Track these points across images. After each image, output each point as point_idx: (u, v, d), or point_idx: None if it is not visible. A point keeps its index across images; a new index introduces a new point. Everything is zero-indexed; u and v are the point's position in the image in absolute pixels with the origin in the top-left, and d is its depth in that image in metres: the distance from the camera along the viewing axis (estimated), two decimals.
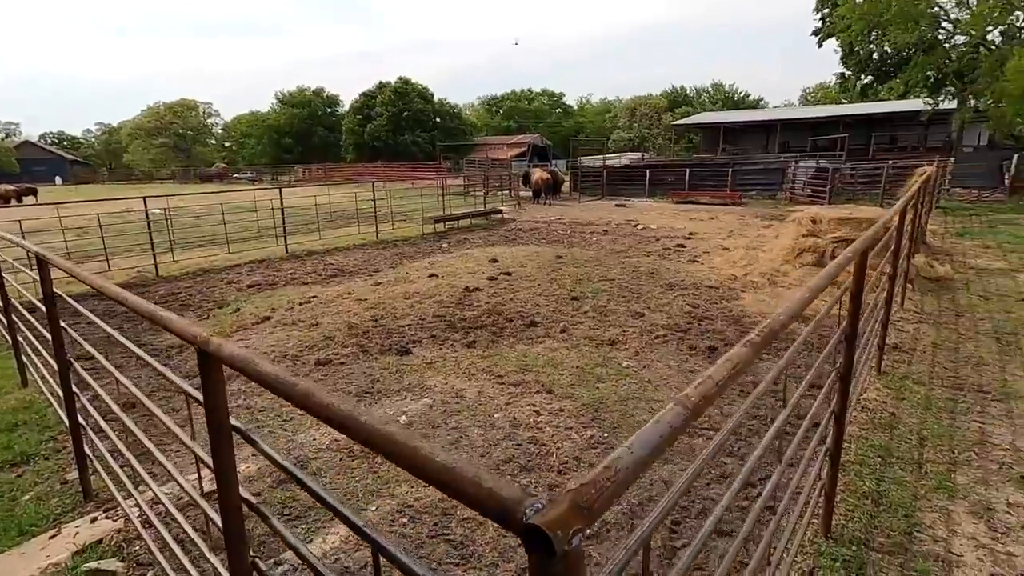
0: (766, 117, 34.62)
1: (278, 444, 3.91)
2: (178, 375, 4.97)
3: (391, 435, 0.85)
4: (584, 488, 0.69)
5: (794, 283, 8.21)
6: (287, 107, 61.21)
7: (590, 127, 70.14)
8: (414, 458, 0.80)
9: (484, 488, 0.71)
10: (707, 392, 1.00)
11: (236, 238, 13.62)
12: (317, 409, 0.98)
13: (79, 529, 2.99)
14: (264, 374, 1.14)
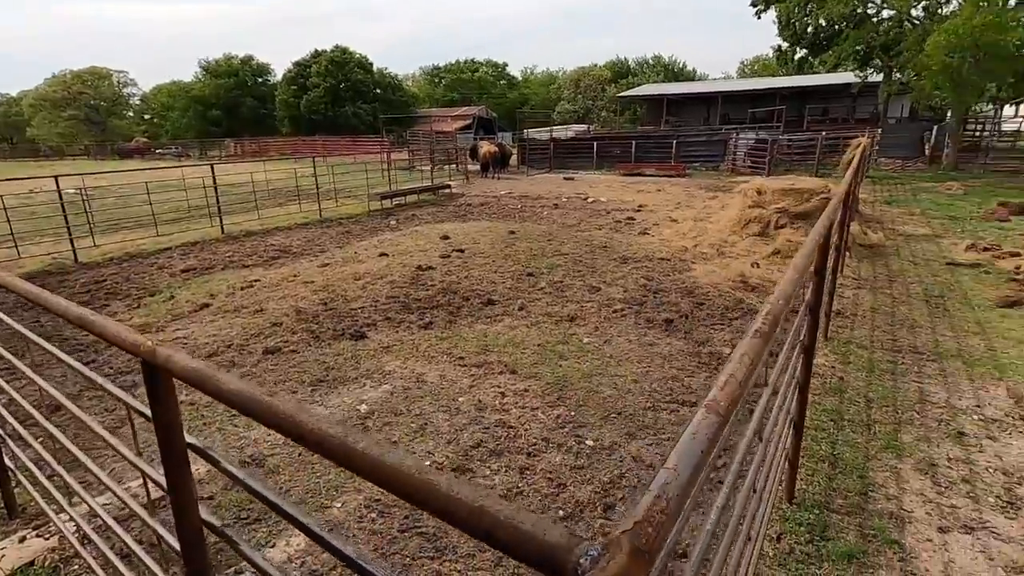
0: (707, 89, 35.34)
1: (229, 442, 3.67)
2: (109, 379, 4.53)
3: (400, 469, 0.72)
4: (640, 527, 0.59)
5: (741, 253, 8.47)
6: (213, 77, 57.18)
7: (535, 99, 69.52)
8: (431, 495, 0.68)
9: (523, 531, 0.61)
10: (734, 394, 0.93)
11: (165, 219, 12.70)
12: (307, 436, 0.84)
13: (5, 551, 2.70)
14: (229, 391, 0.98)
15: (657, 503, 0.63)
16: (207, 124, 56.91)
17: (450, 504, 0.67)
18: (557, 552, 0.57)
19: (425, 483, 0.70)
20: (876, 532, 2.80)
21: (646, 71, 62.05)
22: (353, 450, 0.78)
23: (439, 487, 0.68)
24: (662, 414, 3.97)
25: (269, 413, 0.91)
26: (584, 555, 0.57)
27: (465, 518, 0.65)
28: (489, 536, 0.63)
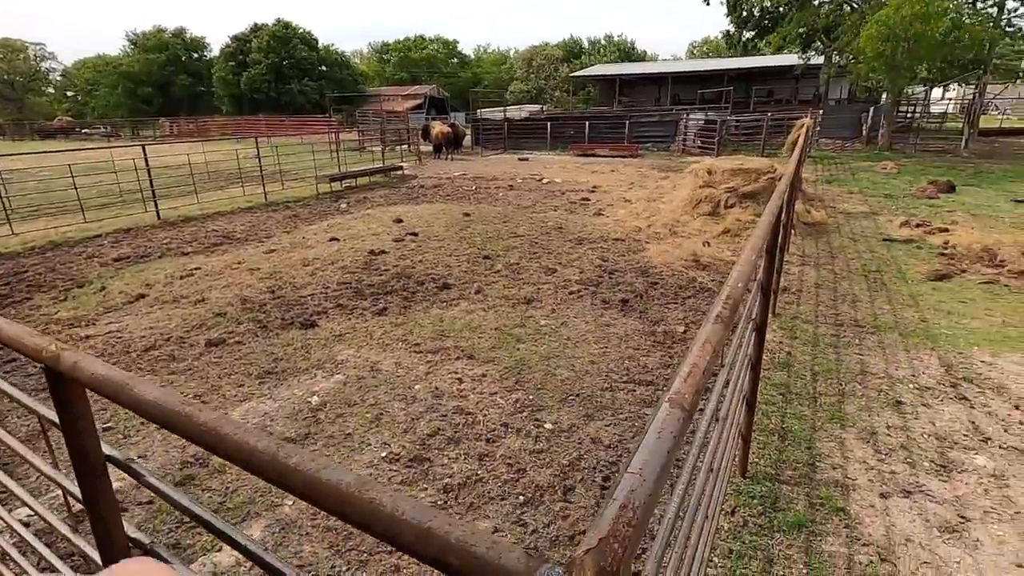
0: (659, 70, 35.66)
1: (169, 441, 3.47)
2: (15, 383, 4.15)
3: (339, 488, 0.64)
4: (605, 544, 0.53)
5: (693, 232, 8.63)
6: (142, 52, 53.47)
7: (488, 78, 68.56)
8: (373, 515, 0.60)
9: (476, 556, 0.54)
10: (698, 384, 0.89)
11: (93, 205, 11.85)
12: (232, 451, 0.74)
13: None
14: (147, 402, 0.87)
15: (623, 514, 0.57)
16: (138, 102, 53.42)
17: (394, 525, 0.59)
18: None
19: (366, 503, 0.62)
20: (823, 501, 2.91)
21: (599, 51, 62.11)
22: (285, 466, 0.69)
23: (383, 507, 0.61)
24: (619, 394, 4.00)
25: (191, 425, 0.80)
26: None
27: (412, 542, 0.58)
28: (439, 562, 0.56)
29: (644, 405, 3.87)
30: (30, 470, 3.18)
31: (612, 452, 3.34)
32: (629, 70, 36.32)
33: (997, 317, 5.30)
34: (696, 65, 37.06)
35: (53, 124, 48.41)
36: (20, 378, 4.52)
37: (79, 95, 63.72)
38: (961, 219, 9.28)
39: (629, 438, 3.48)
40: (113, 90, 54.50)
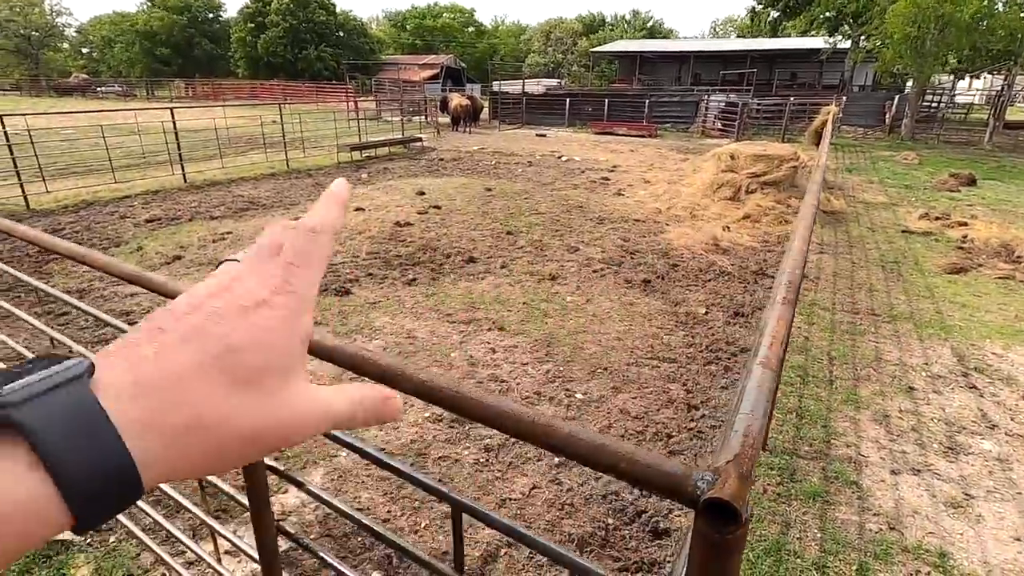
0: (681, 48, 35.05)
1: None
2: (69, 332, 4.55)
3: (519, 414, 0.84)
4: (739, 458, 0.73)
5: (713, 217, 8.73)
6: (160, 9, 52.91)
7: (504, 49, 67.54)
8: (553, 437, 0.80)
9: (644, 464, 0.74)
10: (779, 352, 1.08)
11: (119, 165, 12.04)
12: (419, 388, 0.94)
13: None
14: (329, 348, 1.07)
15: (746, 440, 0.77)
16: (155, 62, 53.07)
17: (570, 443, 0.79)
18: (677, 479, 0.71)
19: (544, 426, 0.82)
20: (837, 474, 3.13)
21: (622, 26, 60.89)
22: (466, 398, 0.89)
23: (559, 430, 0.80)
24: (644, 370, 4.21)
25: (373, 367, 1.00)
26: (700, 479, 0.71)
27: (587, 454, 0.78)
28: (613, 469, 0.76)
29: (668, 381, 4.08)
30: None
31: (639, 423, 3.56)
32: (651, 47, 35.72)
33: (1011, 311, 5.44)
34: (719, 45, 36.39)
35: (69, 81, 48.34)
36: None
37: (94, 52, 63.36)
38: (981, 213, 9.32)
39: (655, 410, 3.69)
40: (129, 47, 54.11)
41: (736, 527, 0.67)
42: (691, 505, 0.70)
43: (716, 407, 3.79)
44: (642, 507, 2.84)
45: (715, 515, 0.67)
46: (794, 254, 1.63)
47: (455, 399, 0.91)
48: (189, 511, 2.66)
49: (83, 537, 2.52)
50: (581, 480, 3.02)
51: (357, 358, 1.03)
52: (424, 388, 0.94)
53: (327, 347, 1.07)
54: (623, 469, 0.75)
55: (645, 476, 0.73)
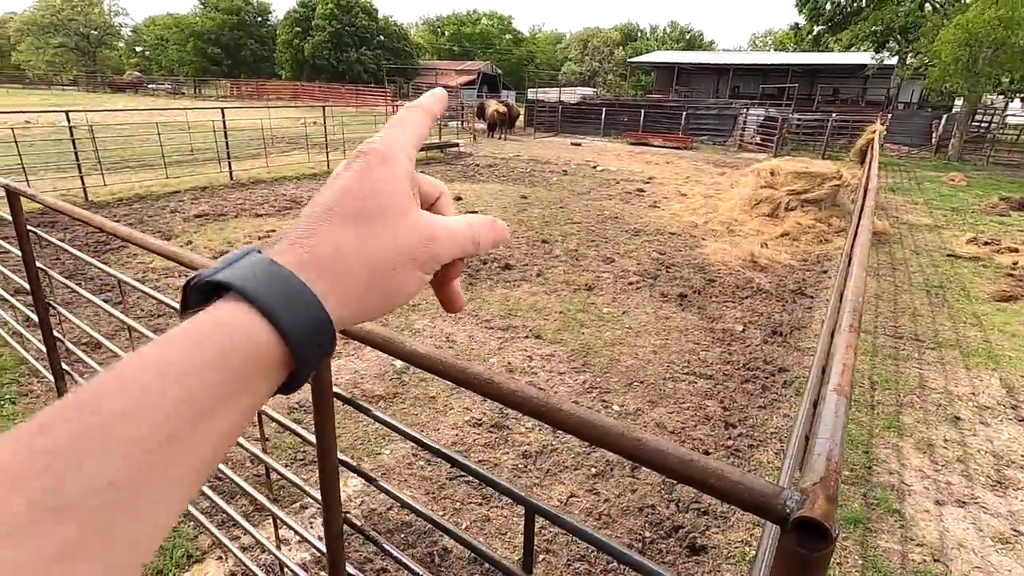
0: (720, 61, 34.70)
1: None
2: (140, 321, 4.73)
3: (606, 426, 0.90)
4: (826, 481, 0.78)
5: (751, 233, 8.64)
6: (213, 11, 54.87)
7: (541, 57, 67.87)
8: (642, 450, 0.86)
9: (733, 480, 0.79)
10: (849, 378, 1.11)
11: (170, 161, 12.54)
12: (508, 397, 1.01)
13: None
14: (414, 354, 1.15)
15: (829, 463, 0.81)
16: (206, 61, 54.99)
17: (658, 456, 0.85)
18: (767, 497, 0.76)
19: (634, 440, 0.87)
20: (879, 502, 3.09)
21: (659, 37, 60.61)
22: (558, 410, 0.96)
23: (647, 443, 0.86)
24: (681, 384, 4.21)
25: (460, 374, 1.07)
26: (790, 499, 0.75)
27: (676, 467, 0.83)
28: (702, 484, 0.81)
29: (705, 397, 4.08)
30: None
31: (675, 438, 3.57)
32: (689, 59, 35.46)
33: None
34: (759, 58, 35.90)
35: (123, 78, 50.45)
36: None
37: (147, 51, 65.98)
38: None
39: (691, 426, 3.70)
40: (182, 47, 56.17)
41: (825, 545, 0.71)
42: (779, 523, 0.75)
43: (754, 426, 3.77)
44: (679, 522, 2.85)
45: (804, 533, 0.72)
46: (856, 279, 1.65)
47: (544, 408, 0.98)
48: (246, 496, 2.78)
49: None
50: (618, 491, 3.06)
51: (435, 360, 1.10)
52: (513, 397, 1.01)
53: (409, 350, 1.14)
54: (712, 484, 0.80)
55: (734, 492, 0.78)
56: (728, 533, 2.81)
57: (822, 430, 0.91)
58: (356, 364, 4.24)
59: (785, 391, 4.24)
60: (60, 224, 8.01)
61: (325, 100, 35.20)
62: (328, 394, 1.44)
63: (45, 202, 2.54)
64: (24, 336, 4.10)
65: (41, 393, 3.72)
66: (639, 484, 3.12)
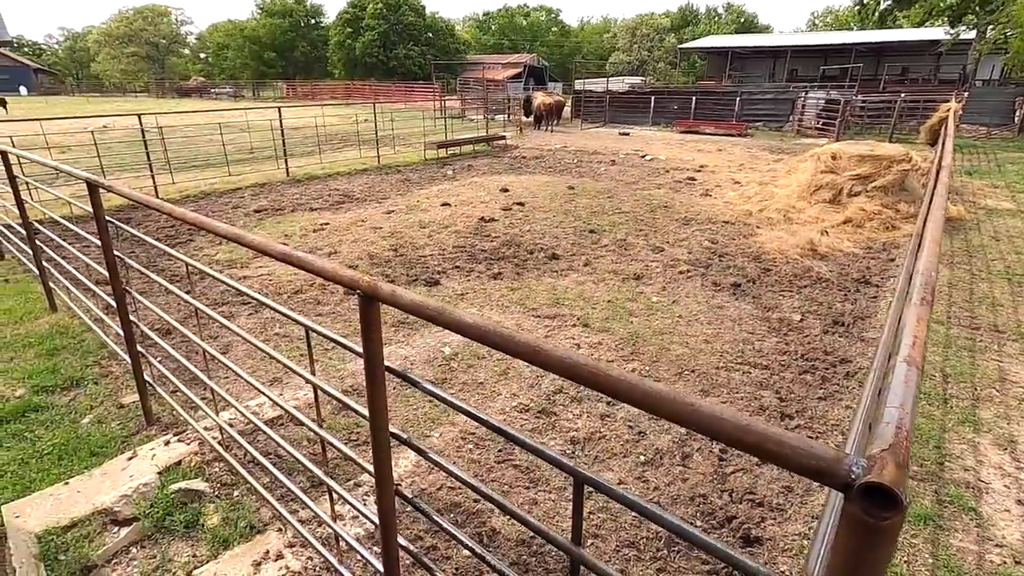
0: (776, 43, 33.19)
1: (328, 371, 4.00)
2: (210, 307, 4.94)
3: (658, 392, 0.88)
4: (894, 448, 0.73)
5: (809, 220, 8.26)
6: (268, 16, 57.09)
7: (588, 47, 66.93)
8: (698, 416, 0.84)
9: (791, 445, 0.76)
10: (921, 350, 1.05)
11: (233, 159, 13.15)
12: (556, 364, 1.00)
13: (155, 451, 3.09)
14: (464, 324, 1.16)
15: (899, 431, 0.76)
16: (262, 65, 57.33)
17: (715, 422, 0.82)
18: (829, 462, 0.72)
19: (688, 405, 0.85)
20: (952, 499, 2.90)
21: (716, 20, 58.61)
22: (608, 375, 0.94)
23: (703, 408, 0.84)
24: (735, 374, 4.08)
25: (511, 343, 1.08)
26: (855, 464, 0.72)
27: (732, 432, 0.80)
28: (758, 449, 0.78)
29: (760, 388, 3.94)
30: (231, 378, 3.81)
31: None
32: (742, 42, 34.12)
33: None
34: (819, 38, 34.11)
35: (189, 84, 53.25)
36: None
37: (209, 57, 69.36)
38: None
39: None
40: (240, 52, 58.73)
41: (894, 513, 0.67)
42: (843, 489, 0.71)
43: (812, 418, 3.61)
44: (732, 512, 2.77)
45: (871, 500, 0.68)
46: (929, 253, 1.54)
47: (594, 374, 0.96)
48: (304, 473, 2.90)
49: (213, 489, 2.82)
50: (668, 479, 3.00)
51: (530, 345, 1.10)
52: (562, 364, 1.00)
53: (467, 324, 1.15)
54: (769, 449, 0.77)
55: (794, 458, 0.75)
56: (785, 525, 2.71)
57: (891, 399, 0.86)
58: (406, 350, 4.33)
59: (847, 383, 4.04)
60: (133, 221, 8.54)
61: (375, 98, 35.99)
62: (380, 368, 1.47)
63: (123, 193, 2.71)
64: (104, 322, 4.41)
65: (119, 375, 3.99)
66: (690, 473, 3.05)
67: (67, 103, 42.56)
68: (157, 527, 2.58)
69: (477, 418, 1.36)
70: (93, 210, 3.01)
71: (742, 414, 0.82)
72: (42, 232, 4.60)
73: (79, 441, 3.29)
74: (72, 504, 2.68)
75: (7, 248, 6.59)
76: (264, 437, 3.25)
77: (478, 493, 1.43)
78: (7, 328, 4.70)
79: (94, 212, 3.02)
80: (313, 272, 1.51)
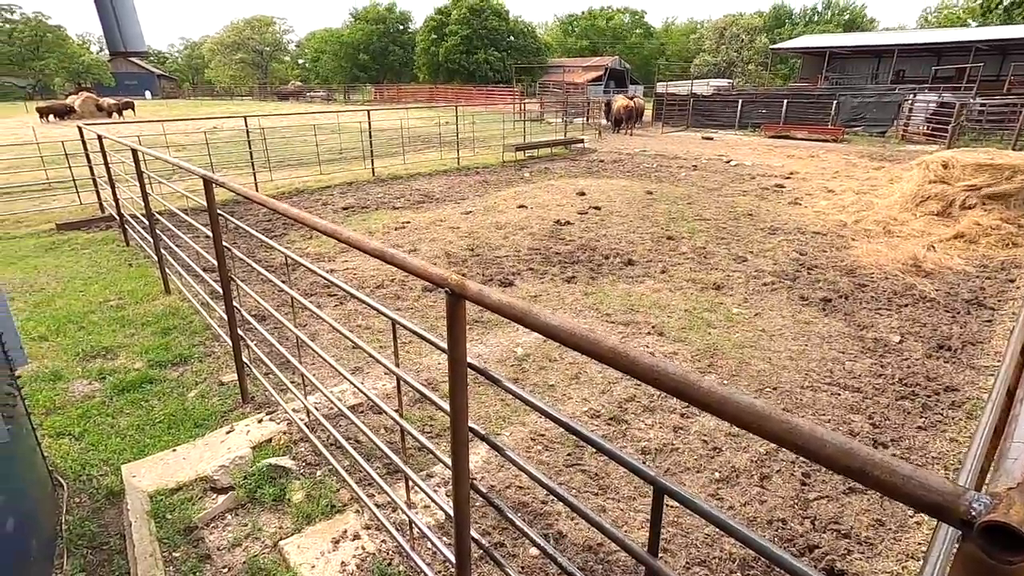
0: (880, 41, 30.76)
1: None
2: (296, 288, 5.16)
3: (753, 407, 0.86)
4: (1023, 486, 0.68)
5: (914, 233, 7.60)
6: (363, 22, 60.21)
7: (672, 49, 65.22)
8: (796, 436, 0.81)
9: (902, 475, 0.71)
10: None
11: (324, 159, 13.95)
12: (646, 373, 1.00)
13: (249, 428, 3.35)
14: (547, 325, 1.18)
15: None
16: (356, 69, 60.52)
17: (813, 441, 0.79)
18: (946, 496, 0.68)
19: (783, 423, 0.82)
20: None
21: (811, 18, 55.34)
22: (698, 387, 0.93)
23: (801, 428, 0.81)
24: (821, 395, 3.84)
25: (599, 348, 1.08)
26: (976, 500, 0.67)
27: (833, 455, 0.77)
28: (861, 474, 0.74)
29: (850, 411, 3.68)
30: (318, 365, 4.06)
31: None
32: (841, 42, 31.93)
33: None
34: (931, 36, 31.28)
35: (287, 88, 57.09)
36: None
37: (307, 63, 74.07)
38: None
39: None
40: (335, 57, 62.24)
41: (1021, 557, 0.62)
42: (962, 527, 0.66)
43: (911, 448, 3.33)
44: (815, 541, 2.62)
45: (994, 541, 0.63)
46: None
47: (683, 385, 0.95)
48: (382, 460, 3.03)
49: (298, 468, 3.02)
50: (744, 500, 2.87)
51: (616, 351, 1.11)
52: (651, 372, 1.00)
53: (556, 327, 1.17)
54: (877, 477, 0.73)
55: (905, 488, 0.71)
56: (875, 561, 2.52)
57: (1018, 433, 0.79)
58: (479, 348, 4.42)
59: (953, 413, 3.69)
60: (236, 214, 9.26)
61: (457, 100, 36.94)
62: (463, 365, 1.52)
63: (234, 189, 2.95)
64: (209, 305, 4.82)
65: (221, 355, 4.35)
66: (768, 495, 2.91)
67: (184, 106, 46.90)
68: (250, 497, 2.79)
69: (558, 420, 1.38)
70: (207, 204, 3.29)
71: (846, 437, 0.78)
72: (161, 222, 5.11)
73: (185, 413, 3.63)
74: (179, 469, 2.96)
75: (131, 236, 7.35)
76: (346, 422, 3.44)
77: (552, 493, 1.44)
78: (130, 307, 5.25)
79: (208, 205, 3.31)
80: (405, 268, 1.58)
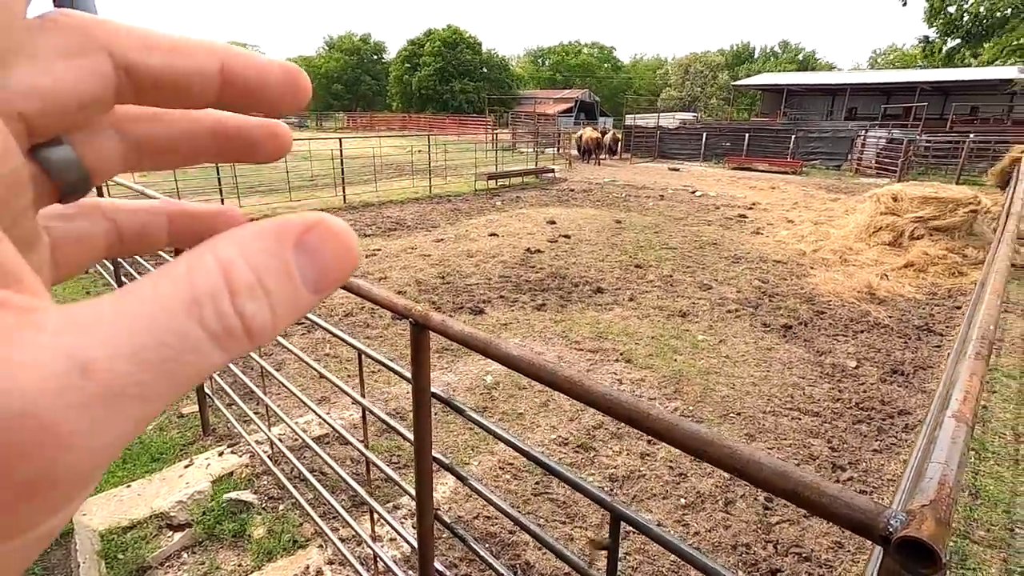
0: (834, 80, 32.56)
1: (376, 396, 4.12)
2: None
3: (697, 433, 0.91)
4: (936, 503, 0.73)
5: (868, 263, 7.95)
6: (337, 52, 60.74)
7: (640, 83, 67.55)
8: (735, 459, 0.86)
9: (829, 495, 0.77)
10: (973, 406, 1.03)
11: (294, 186, 13.87)
12: (599, 401, 1.04)
13: (209, 461, 3.25)
14: (508, 356, 1.21)
15: (942, 487, 0.76)
16: (329, 97, 60.74)
17: (751, 465, 0.84)
18: (867, 515, 0.73)
19: (725, 447, 0.87)
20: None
21: (770, 59, 58.24)
22: (646, 414, 0.97)
23: (740, 452, 0.86)
24: (782, 420, 3.95)
25: (555, 377, 1.12)
26: (893, 517, 0.72)
27: (768, 477, 0.82)
28: (794, 496, 0.79)
29: (810, 435, 3.79)
30: (282, 396, 3.98)
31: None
32: (799, 79, 33.65)
33: None
34: (881, 76, 33.25)
35: None
36: None
37: None
38: None
39: (793, 464, 3.44)
40: None
41: (932, 570, 0.67)
42: (881, 543, 0.72)
43: (867, 471, 3.44)
44: (777, 565, 2.66)
45: (909, 556, 0.69)
46: (988, 306, 1.50)
47: (633, 413, 1.00)
48: (347, 492, 2.98)
49: (260, 502, 2.94)
50: (709, 525, 2.91)
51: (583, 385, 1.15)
52: (603, 401, 1.04)
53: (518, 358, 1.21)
54: (807, 497, 0.78)
55: (831, 507, 0.76)
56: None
57: (936, 454, 0.85)
58: (449, 377, 4.41)
59: (906, 436, 3.84)
60: None
61: (430, 129, 37.32)
62: (427, 394, 1.54)
63: None
64: None
65: None
66: (732, 520, 2.96)
67: None
68: (208, 534, 2.70)
69: (520, 450, 1.40)
70: None
71: (780, 460, 0.83)
72: None
73: (142, 446, 3.50)
74: (133, 506, 2.85)
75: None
76: (311, 454, 3.37)
77: (517, 524, 1.46)
78: None
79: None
80: (369, 299, 1.61)
